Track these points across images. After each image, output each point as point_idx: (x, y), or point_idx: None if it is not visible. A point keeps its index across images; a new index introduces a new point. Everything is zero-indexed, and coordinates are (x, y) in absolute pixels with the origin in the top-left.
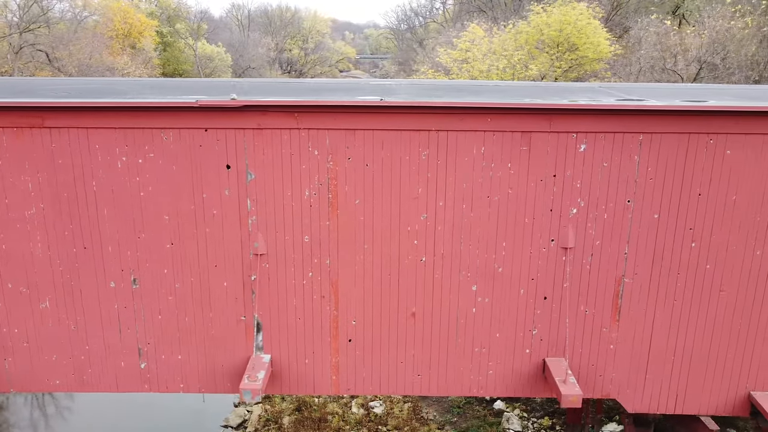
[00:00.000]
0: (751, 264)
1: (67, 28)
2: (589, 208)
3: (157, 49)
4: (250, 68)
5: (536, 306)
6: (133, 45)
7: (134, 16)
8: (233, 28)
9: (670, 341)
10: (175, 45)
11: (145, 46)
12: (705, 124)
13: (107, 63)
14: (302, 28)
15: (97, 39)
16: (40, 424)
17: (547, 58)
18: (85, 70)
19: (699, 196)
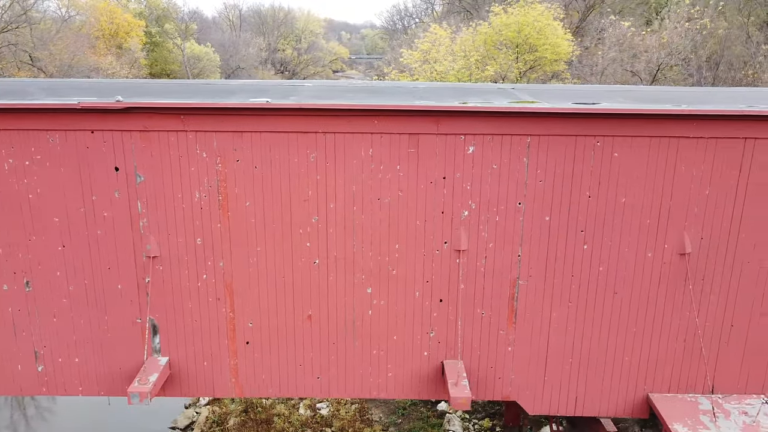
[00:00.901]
0: (644, 266)
1: (50, 27)
2: (481, 211)
3: (145, 49)
4: (240, 68)
5: (432, 308)
6: (119, 45)
7: (121, 16)
8: (225, 28)
9: (567, 343)
10: (164, 45)
11: (131, 46)
12: (591, 126)
13: (91, 63)
14: (295, 29)
15: (80, 39)
16: (20, 425)
17: (505, 59)
18: (66, 70)
19: (589, 198)
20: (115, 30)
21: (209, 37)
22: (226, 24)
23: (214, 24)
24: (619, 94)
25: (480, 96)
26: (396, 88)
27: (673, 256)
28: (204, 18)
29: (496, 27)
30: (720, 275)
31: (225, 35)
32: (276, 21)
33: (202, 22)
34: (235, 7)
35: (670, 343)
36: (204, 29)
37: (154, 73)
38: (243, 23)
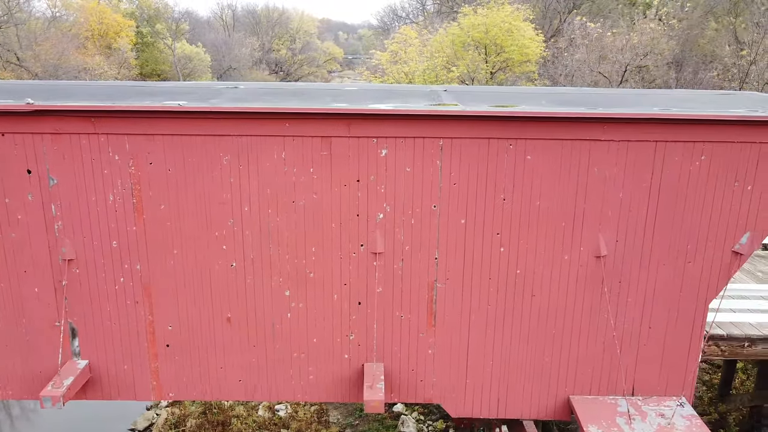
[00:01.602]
0: (560, 269)
1: (34, 27)
2: (396, 213)
3: (135, 50)
4: (231, 69)
5: (351, 311)
6: (109, 45)
7: (111, 16)
8: (218, 28)
9: (487, 346)
10: (155, 45)
11: (121, 46)
12: (503, 129)
13: (79, 64)
14: (290, 29)
15: (66, 39)
16: (4, 425)
17: (471, 60)
18: (52, 71)
19: (504, 201)
20: (105, 30)
21: (203, 37)
22: (219, 24)
23: (208, 24)
24: (543, 97)
25: (403, 98)
26: (326, 90)
27: (590, 258)
28: (199, 18)
29: (464, 28)
30: (636, 277)
31: (218, 35)
32: (270, 21)
33: (196, 23)
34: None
35: (589, 345)
36: (198, 29)
37: (144, 73)
38: (237, 24)
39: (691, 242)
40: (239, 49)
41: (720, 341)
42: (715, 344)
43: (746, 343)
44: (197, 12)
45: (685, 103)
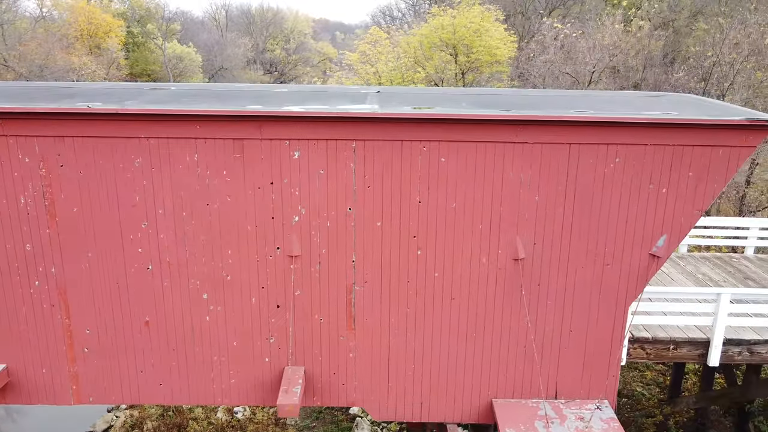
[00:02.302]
0: (479, 272)
1: (19, 27)
2: (311, 216)
3: (126, 50)
4: (223, 69)
5: (270, 314)
6: (98, 45)
7: (100, 16)
8: (211, 28)
9: (408, 349)
10: (146, 46)
11: (110, 46)
12: (416, 131)
13: (66, 64)
14: (284, 29)
15: (54, 39)
16: None
17: (440, 61)
18: (38, 71)
19: (419, 203)
20: (94, 30)
21: (197, 37)
22: (212, 24)
23: (202, 24)
24: (465, 98)
25: (328, 100)
26: (253, 91)
27: (508, 261)
28: (194, 18)
29: (433, 28)
30: (555, 280)
31: (211, 36)
32: (265, 21)
33: (191, 23)
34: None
35: (511, 349)
36: (193, 29)
37: (135, 73)
38: (231, 24)
39: (609, 245)
40: (232, 49)
41: (645, 344)
42: (640, 347)
43: (671, 346)
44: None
45: (609, 105)
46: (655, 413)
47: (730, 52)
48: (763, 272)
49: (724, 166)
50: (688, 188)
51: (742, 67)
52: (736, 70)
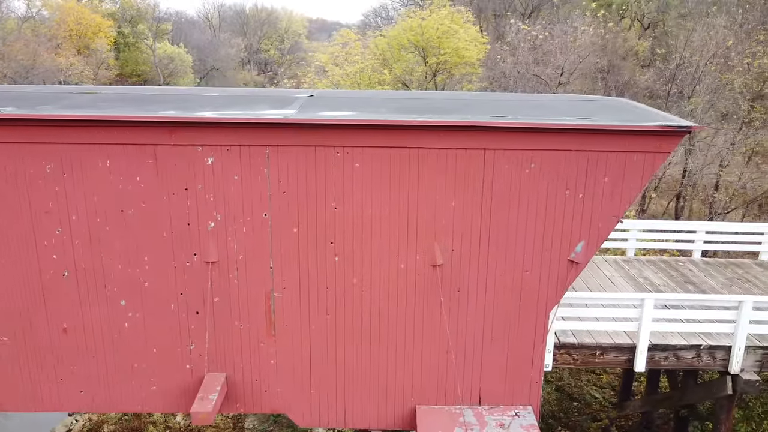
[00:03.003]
0: (398, 278)
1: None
2: (228, 222)
3: (116, 50)
4: (215, 69)
5: (189, 321)
6: (87, 46)
7: (89, 16)
8: (203, 28)
9: (330, 356)
10: (136, 46)
11: (99, 46)
12: (329, 137)
13: (54, 65)
14: (278, 29)
15: (41, 39)
16: None
17: (408, 62)
18: (23, 72)
19: (335, 209)
20: (83, 30)
21: (191, 37)
22: (205, 24)
23: (194, 25)
24: (387, 103)
25: (252, 105)
26: (185, 96)
27: (426, 267)
28: (189, 19)
29: (402, 30)
30: (475, 286)
31: (204, 36)
32: (259, 21)
33: (184, 23)
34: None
35: (432, 355)
36: (187, 30)
37: (125, 74)
38: (225, 24)
39: (527, 251)
40: (225, 49)
41: (572, 350)
42: (567, 353)
43: (598, 352)
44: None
45: (534, 110)
46: (601, 417)
47: (692, 54)
48: (705, 276)
49: (639, 171)
50: (604, 194)
51: (706, 69)
52: (700, 72)
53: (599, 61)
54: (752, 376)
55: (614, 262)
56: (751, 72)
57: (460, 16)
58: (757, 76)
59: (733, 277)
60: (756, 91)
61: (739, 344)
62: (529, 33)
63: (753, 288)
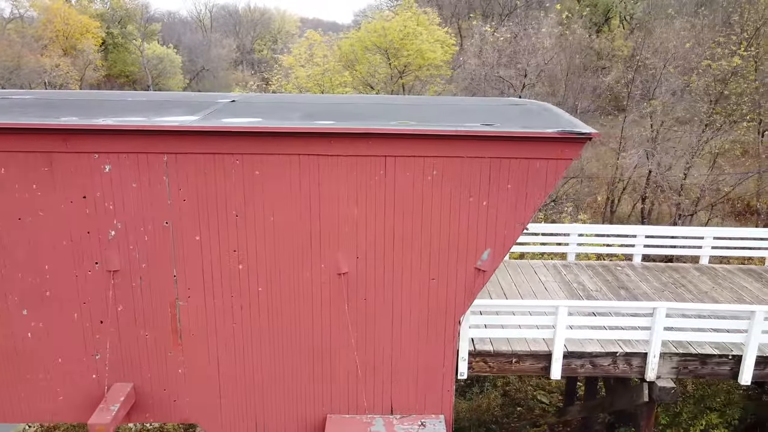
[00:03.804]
0: (304, 286)
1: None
2: (129, 230)
3: (105, 51)
4: (205, 70)
5: (94, 330)
6: (74, 47)
7: (76, 17)
8: (194, 29)
9: (238, 365)
10: (125, 47)
11: (86, 47)
12: (227, 144)
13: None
14: (271, 29)
15: (26, 40)
16: None
17: (371, 64)
18: (6, 74)
19: (237, 217)
20: (70, 31)
21: (183, 37)
22: (196, 24)
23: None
24: (301, 108)
25: (170, 110)
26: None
27: (332, 275)
28: (182, 19)
29: (366, 31)
30: (382, 295)
31: (195, 36)
32: (252, 21)
33: (177, 24)
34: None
35: (343, 363)
36: (179, 30)
37: (113, 74)
38: (217, 24)
39: (433, 259)
40: (216, 49)
41: (488, 357)
42: (482, 360)
43: (514, 360)
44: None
45: (446, 115)
46: (540, 423)
47: (652, 56)
48: (640, 281)
49: (543, 178)
50: (508, 201)
51: (665, 72)
52: (659, 74)
53: (563, 63)
54: (668, 383)
55: (553, 267)
56: (711, 74)
57: (426, 18)
58: (717, 78)
59: (668, 282)
60: (717, 93)
61: (654, 351)
62: (491, 35)
63: (685, 293)
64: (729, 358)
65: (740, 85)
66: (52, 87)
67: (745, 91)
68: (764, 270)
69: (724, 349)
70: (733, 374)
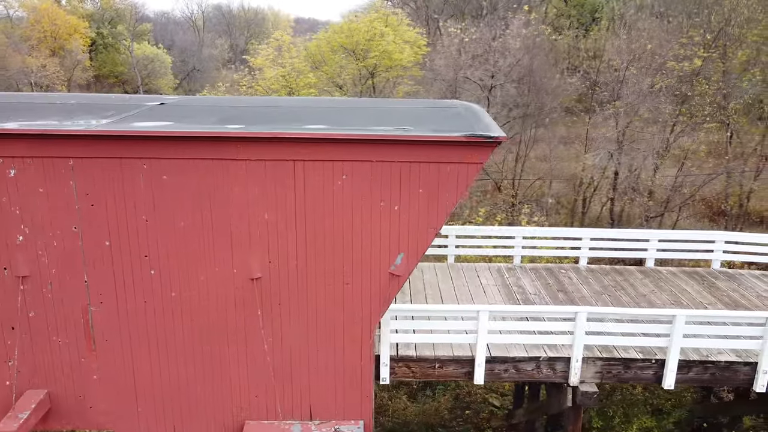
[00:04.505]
0: (217, 291)
1: None
2: (37, 235)
3: (95, 51)
4: (195, 70)
5: (6, 336)
6: (62, 47)
7: (64, 17)
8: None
9: (154, 370)
10: (115, 47)
11: (74, 48)
12: (132, 149)
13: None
14: (264, 29)
15: (10, 40)
16: None
17: (337, 65)
18: None
19: (146, 222)
20: (57, 31)
21: (176, 38)
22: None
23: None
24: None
25: (95, 113)
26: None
27: (244, 280)
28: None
29: (333, 32)
30: (297, 299)
31: (188, 36)
32: (246, 21)
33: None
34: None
35: (258, 369)
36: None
37: (102, 75)
38: (210, 25)
39: (347, 263)
40: (209, 50)
41: (410, 363)
42: (405, 366)
43: (437, 365)
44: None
45: (374, 119)
46: (483, 426)
47: (615, 57)
48: (581, 284)
49: (454, 182)
50: (420, 205)
51: (629, 73)
52: (622, 75)
53: (529, 64)
54: (591, 388)
55: (497, 270)
56: (674, 75)
57: (395, 18)
58: (681, 80)
59: (609, 285)
60: (682, 95)
61: (577, 355)
62: (457, 35)
63: (623, 296)
64: (652, 362)
65: (702, 85)
66: (39, 88)
67: (707, 92)
68: (709, 272)
69: (648, 353)
70: (657, 378)
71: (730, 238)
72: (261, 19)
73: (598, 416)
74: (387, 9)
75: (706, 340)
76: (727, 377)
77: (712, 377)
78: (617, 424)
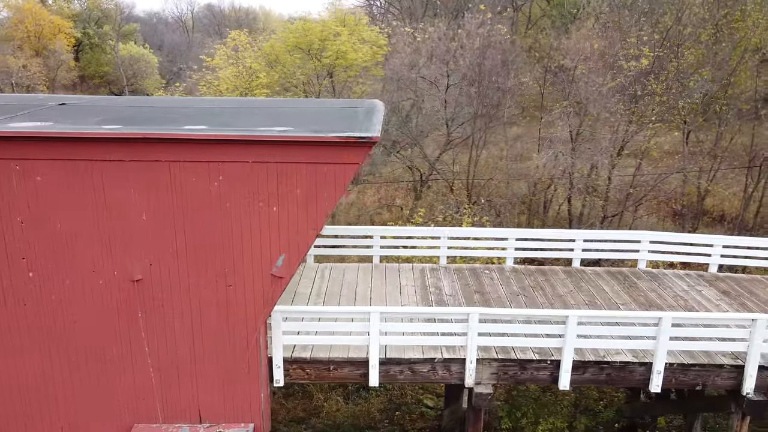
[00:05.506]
0: (100, 294)
1: None
2: None
3: (80, 51)
4: (181, 69)
5: None
6: (46, 47)
7: (47, 17)
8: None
9: (38, 375)
10: (101, 47)
11: (57, 48)
12: (7, 150)
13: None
14: (254, 29)
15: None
16: None
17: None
18: None
19: (22, 224)
20: (40, 32)
21: (166, 38)
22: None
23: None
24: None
25: None
26: None
27: (126, 282)
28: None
29: (288, 32)
30: (179, 301)
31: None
32: (237, 21)
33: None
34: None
35: (145, 372)
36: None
37: (87, 75)
38: (201, 25)
39: (228, 265)
40: (197, 49)
41: (305, 365)
42: (300, 368)
43: (331, 366)
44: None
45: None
46: (408, 428)
47: (565, 57)
48: (500, 284)
49: (332, 183)
50: (299, 207)
51: (578, 72)
52: (571, 75)
53: (484, 62)
54: (485, 389)
55: (420, 270)
56: (624, 74)
57: (352, 18)
58: (634, 79)
59: (528, 286)
60: (632, 94)
61: (471, 357)
62: (411, 35)
63: (539, 296)
64: (548, 363)
65: (651, 84)
66: (20, 88)
67: (656, 91)
68: (633, 272)
69: (546, 354)
70: (554, 379)
71: (655, 237)
72: (252, 18)
73: (508, 417)
74: (346, 8)
75: (600, 341)
76: (623, 377)
77: (608, 378)
78: (526, 425)
